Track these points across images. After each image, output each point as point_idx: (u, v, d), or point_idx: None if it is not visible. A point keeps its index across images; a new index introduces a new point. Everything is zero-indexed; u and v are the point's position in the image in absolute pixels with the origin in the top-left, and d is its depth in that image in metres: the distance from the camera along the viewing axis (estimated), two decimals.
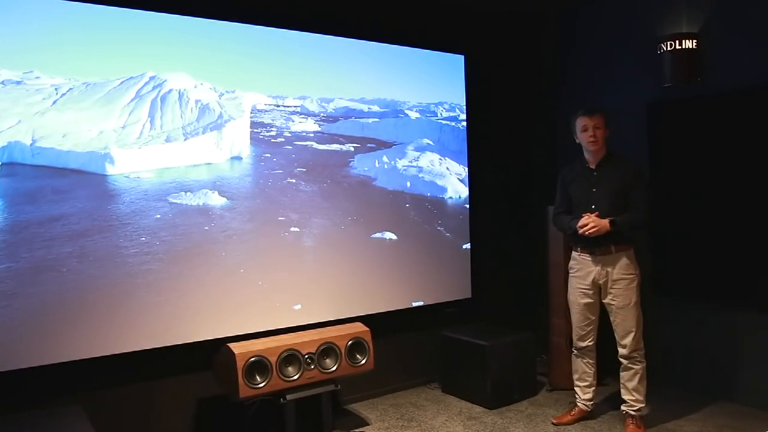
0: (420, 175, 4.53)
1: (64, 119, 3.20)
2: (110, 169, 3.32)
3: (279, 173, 3.89)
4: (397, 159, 4.44)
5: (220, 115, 3.68)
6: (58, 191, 3.18)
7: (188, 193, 3.56)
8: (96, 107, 3.29)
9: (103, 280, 3.18)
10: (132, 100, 3.40)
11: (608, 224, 3.31)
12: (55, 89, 3.18)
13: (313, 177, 4.03)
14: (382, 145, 4.38)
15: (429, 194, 4.56)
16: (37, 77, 3.11)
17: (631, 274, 3.41)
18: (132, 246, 3.36)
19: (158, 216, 3.44)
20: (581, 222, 3.38)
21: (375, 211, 4.30)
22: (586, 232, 3.35)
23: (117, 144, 3.33)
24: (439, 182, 4.61)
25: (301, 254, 3.93)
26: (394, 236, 4.36)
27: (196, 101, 3.61)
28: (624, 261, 3.40)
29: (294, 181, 3.96)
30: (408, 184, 4.46)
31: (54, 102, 3.19)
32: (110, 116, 3.33)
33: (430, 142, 4.60)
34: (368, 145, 4.29)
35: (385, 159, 4.38)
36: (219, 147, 3.68)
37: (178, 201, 3.54)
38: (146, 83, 3.45)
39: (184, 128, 3.57)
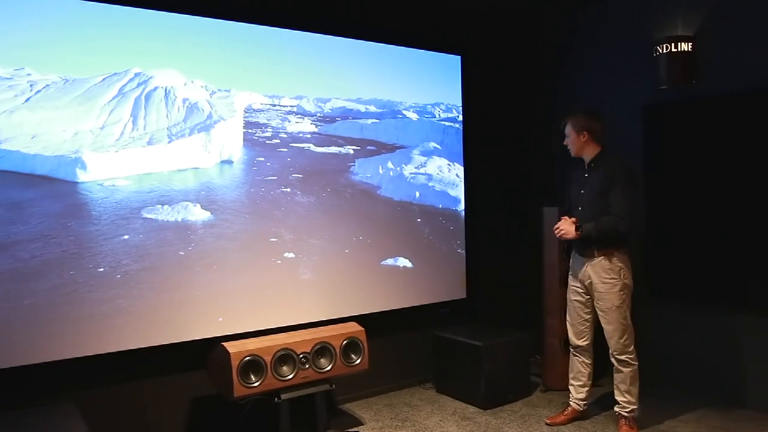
0: (430, 184, 4.19)
1: (35, 119, 2.89)
2: (82, 176, 2.98)
3: (273, 180, 3.57)
4: (403, 165, 4.12)
5: (210, 115, 3.41)
6: (15, 206, 2.83)
7: (165, 207, 3.19)
8: (73, 105, 2.99)
9: (97, 282, 3.10)
10: (114, 98, 3.11)
11: (574, 232, 3.39)
12: (30, 85, 2.89)
13: (310, 185, 3.74)
14: (383, 147, 4.17)
15: (441, 206, 4.26)
16: (29, 74, 2.90)
17: (614, 279, 3.39)
18: (85, 283, 2.95)
19: (126, 237, 3.06)
20: (557, 225, 3.53)
21: (382, 228, 3.94)
22: (556, 234, 3.51)
23: (92, 147, 2.99)
24: (452, 192, 4.32)
25: (297, 288, 3.58)
26: (408, 263, 4.00)
27: (184, 100, 3.31)
28: (606, 265, 3.39)
29: (289, 190, 3.62)
30: (417, 194, 4.13)
31: (27, 99, 2.88)
32: (88, 116, 3.04)
33: (437, 146, 4.32)
34: (368, 147, 4.11)
35: (390, 165, 4.05)
36: (207, 150, 3.38)
37: (153, 216, 3.16)
38: (131, 80, 3.15)
39: (170, 129, 3.27)
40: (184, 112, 3.36)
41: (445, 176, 4.33)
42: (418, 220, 4.14)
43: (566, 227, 3.43)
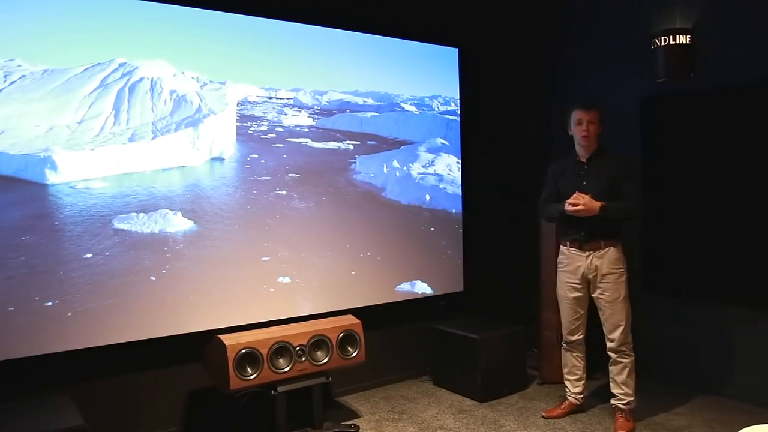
0: (441, 186, 3.87)
1: (4, 113, 2.63)
2: (52, 177, 2.67)
3: (267, 181, 3.27)
4: (410, 164, 3.82)
5: (199, 109, 3.14)
6: None
7: (141, 215, 2.84)
8: (50, 98, 2.72)
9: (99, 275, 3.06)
10: (95, 90, 2.84)
11: (598, 207, 3.28)
12: (5, 76, 2.64)
13: (308, 187, 3.48)
14: (384, 142, 3.99)
15: (454, 210, 3.99)
16: (19, 65, 2.71)
17: (620, 269, 3.42)
18: (27, 323, 2.55)
19: (89, 256, 2.69)
20: (572, 199, 3.32)
21: (392, 239, 3.60)
22: (573, 211, 3.31)
23: (67, 144, 2.70)
24: None
25: (294, 306, 3.26)
26: (428, 288, 3.64)
27: (171, 92, 3.03)
28: (613, 255, 3.41)
29: (285, 192, 3.30)
30: (427, 197, 3.82)
31: None
32: (66, 109, 2.76)
33: (445, 142, 4.08)
34: (369, 142, 3.96)
35: (395, 164, 3.75)
36: (195, 147, 3.09)
37: (126, 227, 2.80)
38: (114, 70, 2.87)
39: (155, 124, 3.00)
40: (171, 105, 3.10)
41: (456, 176, 4.05)
42: (432, 228, 3.80)
43: (590, 203, 3.27)
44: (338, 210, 3.52)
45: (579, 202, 3.31)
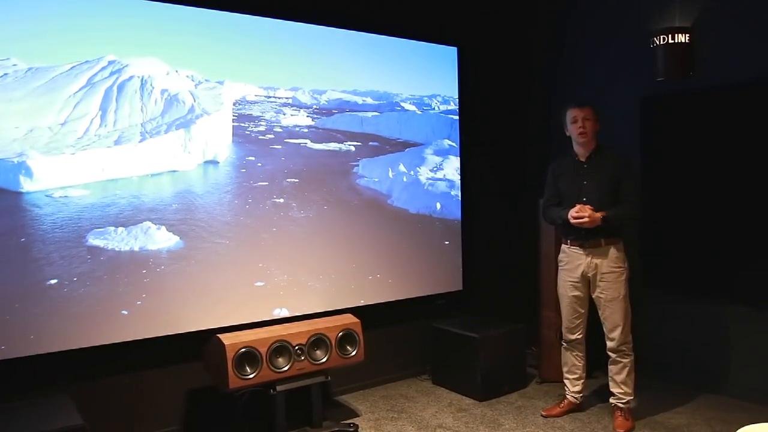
0: (453, 193, 3.64)
1: None
2: (27, 185, 2.44)
3: (263, 187, 3.07)
4: (417, 168, 3.61)
5: (191, 109, 2.94)
6: None
7: (120, 230, 2.60)
8: (32, 97, 2.52)
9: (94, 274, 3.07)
10: (81, 89, 2.65)
11: (600, 219, 3.31)
12: None
13: (308, 194, 3.31)
14: (387, 143, 3.87)
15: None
16: (14, 65, 2.57)
17: (620, 267, 3.42)
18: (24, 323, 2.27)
19: (53, 281, 2.44)
20: (575, 212, 3.34)
21: (404, 257, 3.36)
22: (577, 223, 3.33)
23: (46, 147, 2.48)
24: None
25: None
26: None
27: (162, 91, 2.81)
28: (613, 254, 3.41)
29: (283, 200, 3.10)
30: (438, 205, 3.61)
31: None
32: (49, 109, 2.56)
33: (453, 144, 3.92)
34: (371, 143, 3.85)
35: (401, 168, 3.52)
36: (186, 150, 2.88)
37: (101, 243, 2.55)
38: (103, 68, 2.67)
39: (144, 125, 2.79)
40: (162, 105, 2.88)
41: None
42: (447, 242, 3.53)
43: (593, 216, 3.29)
44: (341, 221, 3.28)
45: (583, 215, 3.32)
